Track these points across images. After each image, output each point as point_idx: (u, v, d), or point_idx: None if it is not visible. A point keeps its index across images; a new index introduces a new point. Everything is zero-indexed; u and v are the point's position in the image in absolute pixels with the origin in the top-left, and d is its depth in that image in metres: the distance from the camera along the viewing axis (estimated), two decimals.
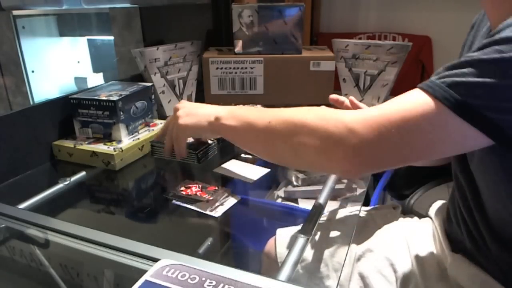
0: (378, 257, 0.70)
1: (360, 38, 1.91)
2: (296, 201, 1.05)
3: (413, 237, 0.72)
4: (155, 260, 0.45)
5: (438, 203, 0.77)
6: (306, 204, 1.03)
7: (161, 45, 1.09)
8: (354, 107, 0.76)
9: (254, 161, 0.89)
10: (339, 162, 0.49)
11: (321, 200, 0.66)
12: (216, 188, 0.74)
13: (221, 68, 1.20)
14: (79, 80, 1.24)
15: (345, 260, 0.68)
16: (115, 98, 0.85)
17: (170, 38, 1.25)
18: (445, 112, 0.43)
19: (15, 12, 0.97)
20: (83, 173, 0.82)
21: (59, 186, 0.76)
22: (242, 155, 0.91)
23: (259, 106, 1.14)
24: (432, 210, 0.76)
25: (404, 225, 0.78)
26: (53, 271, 0.54)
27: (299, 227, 0.59)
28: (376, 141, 0.46)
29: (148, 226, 0.72)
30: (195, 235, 0.70)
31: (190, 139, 0.81)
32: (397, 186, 1.32)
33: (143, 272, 0.41)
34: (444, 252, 0.65)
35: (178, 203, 0.71)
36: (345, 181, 0.98)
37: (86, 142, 0.87)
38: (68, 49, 1.21)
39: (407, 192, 1.21)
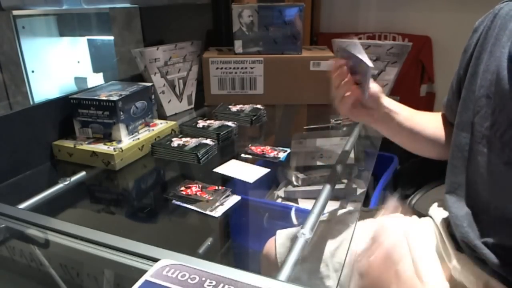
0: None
1: (360, 38, 1.91)
2: (296, 201, 1.05)
3: (414, 236, 0.72)
4: (155, 260, 0.45)
5: (440, 203, 0.77)
6: (306, 204, 1.03)
7: (161, 45, 1.09)
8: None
9: (254, 161, 0.89)
10: None
11: (321, 200, 0.66)
12: (216, 188, 0.74)
13: (221, 68, 1.20)
14: (79, 80, 1.24)
15: (345, 260, 0.67)
16: (115, 98, 0.85)
17: (170, 38, 1.25)
18: None
19: (15, 12, 0.97)
20: (83, 173, 0.82)
21: (59, 186, 0.76)
22: (242, 155, 0.91)
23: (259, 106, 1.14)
24: (433, 210, 0.76)
25: (405, 224, 0.78)
26: (53, 271, 0.54)
27: (299, 227, 0.59)
28: None
29: (148, 226, 0.72)
30: (195, 235, 0.71)
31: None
32: (398, 186, 1.32)
33: (143, 272, 0.41)
34: (448, 251, 0.65)
35: (178, 203, 0.71)
36: (345, 181, 0.98)
37: (86, 142, 0.87)
38: (68, 49, 1.21)
39: (408, 192, 1.22)
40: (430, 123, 0.75)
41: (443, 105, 0.74)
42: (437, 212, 0.74)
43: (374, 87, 0.68)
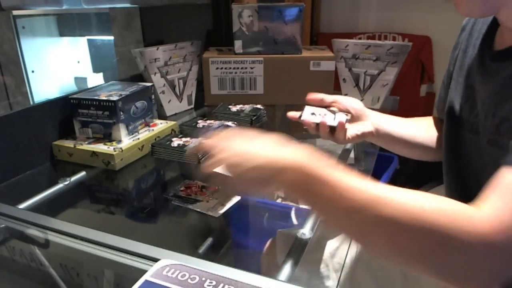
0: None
1: (360, 38, 1.91)
2: (296, 201, 1.05)
3: None
4: (155, 260, 0.45)
5: None
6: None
7: (161, 45, 1.09)
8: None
9: None
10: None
11: None
12: (216, 188, 0.74)
13: (221, 68, 1.20)
14: (79, 80, 1.24)
15: (345, 260, 0.68)
16: (115, 98, 0.85)
17: (170, 38, 1.25)
18: None
19: (15, 12, 0.97)
20: (83, 173, 0.82)
21: (59, 186, 0.76)
22: None
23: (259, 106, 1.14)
24: None
25: None
26: (53, 271, 0.54)
27: (299, 228, 0.59)
28: None
29: (148, 226, 0.72)
30: (195, 235, 0.70)
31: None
32: (398, 186, 1.32)
33: (143, 272, 0.41)
34: None
35: (178, 203, 0.71)
36: None
37: (86, 142, 0.87)
38: (68, 49, 1.21)
39: None
40: (423, 129, 0.76)
41: (435, 104, 0.76)
42: None
43: (354, 103, 0.71)
